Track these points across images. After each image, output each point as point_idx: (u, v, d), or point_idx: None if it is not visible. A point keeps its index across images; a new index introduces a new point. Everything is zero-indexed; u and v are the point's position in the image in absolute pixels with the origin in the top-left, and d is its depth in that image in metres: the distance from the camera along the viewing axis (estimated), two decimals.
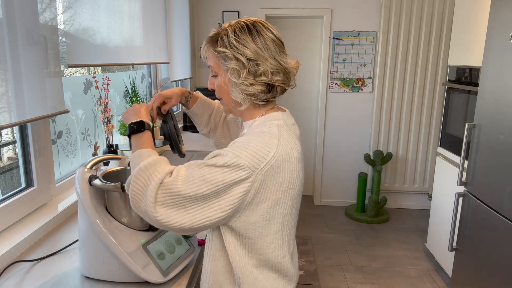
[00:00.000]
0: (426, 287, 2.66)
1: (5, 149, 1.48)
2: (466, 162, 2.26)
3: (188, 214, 0.81)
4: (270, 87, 0.94)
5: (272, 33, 0.94)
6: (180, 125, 3.27)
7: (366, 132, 3.92)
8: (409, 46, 3.64)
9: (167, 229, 0.83)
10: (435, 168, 2.91)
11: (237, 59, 0.90)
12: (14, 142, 1.47)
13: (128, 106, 2.37)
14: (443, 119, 2.85)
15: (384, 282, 2.70)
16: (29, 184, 1.45)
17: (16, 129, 1.41)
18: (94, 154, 1.79)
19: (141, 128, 0.95)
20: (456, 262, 2.31)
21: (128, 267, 1.00)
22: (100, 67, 2.12)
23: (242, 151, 0.83)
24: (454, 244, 2.33)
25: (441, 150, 2.84)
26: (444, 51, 3.60)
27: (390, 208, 4.06)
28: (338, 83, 3.82)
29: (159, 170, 0.84)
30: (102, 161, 1.15)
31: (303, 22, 3.91)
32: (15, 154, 1.46)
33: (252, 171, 0.82)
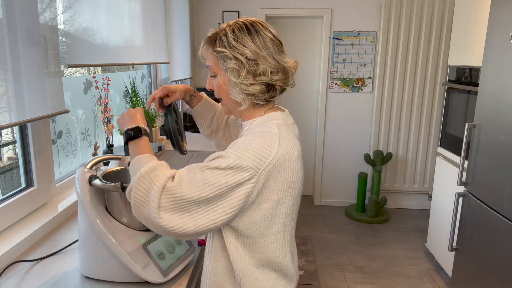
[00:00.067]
0: (426, 287, 2.66)
1: (5, 149, 1.48)
2: (466, 162, 2.26)
3: (192, 218, 0.80)
4: (270, 87, 0.94)
5: (270, 32, 0.94)
6: None
7: (366, 132, 3.92)
8: (409, 46, 3.64)
9: (170, 235, 0.81)
10: (435, 168, 2.91)
11: (236, 59, 0.90)
12: (14, 142, 1.47)
13: (128, 106, 2.37)
14: (443, 119, 2.85)
15: (384, 282, 2.70)
16: (29, 184, 1.45)
17: (16, 129, 1.41)
18: (94, 154, 1.79)
19: (137, 134, 0.93)
20: (456, 262, 2.31)
21: (128, 267, 1.00)
22: (100, 67, 2.12)
23: (244, 152, 0.82)
24: (454, 244, 2.33)
25: (441, 150, 2.84)
26: (444, 51, 3.60)
27: (390, 208, 4.06)
28: (338, 83, 3.82)
29: (161, 175, 0.82)
30: (102, 161, 1.16)
31: (303, 22, 3.91)
32: (15, 154, 1.46)
33: (255, 172, 0.82)
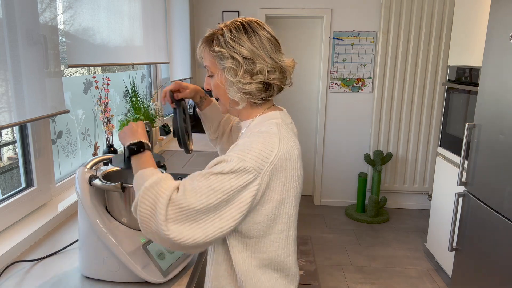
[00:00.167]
0: (426, 287, 2.66)
1: (5, 149, 1.48)
2: (466, 162, 2.26)
3: (200, 227, 0.79)
4: (267, 86, 0.94)
5: (267, 32, 0.94)
6: None
7: (366, 132, 3.92)
8: (409, 46, 3.64)
9: (180, 248, 0.80)
10: (435, 168, 2.91)
11: (233, 58, 0.90)
12: (14, 142, 1.47)
13: (128, 106, 2.37)
14: (443, 119, 2.85)
15: (384, 282, 2.70)
16: (29, 184, 1.45)
17: (16, 129, 1.41)
18: (94, 154, 1.79)
19: (140, 148, 0.93)
20: (456, 262, 2.31)
21: (128, 267, 1.01)
22: (100, 67, 2.12)
23: (246, 154, 0.83)
24: (454, 244, 2.33)
25: (441, 150, 2.84)
26: (444, 51, 3.60)
27: (390, 208, 4.06)
28: (338, 83, 3.82)
29: (165, 186, 0.82)
30: (102, 161, 1.16)
31: (303, 22, 3.91)
32: (15, 154, 1.45)
33: (258, 173, 0.82)
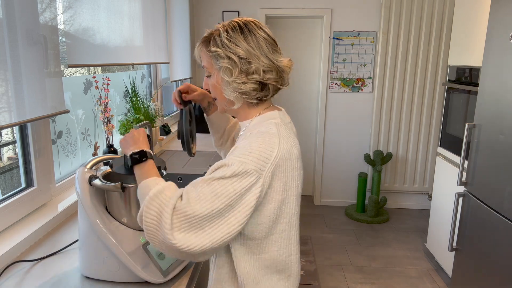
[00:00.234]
0: (426, 287, 2.66)
1: (5, 149, 1.48)
2: (466, 162, 2.26)
3: (207, 234, 0.79)
4: (263, 86, 0.94)
5: (264, 32, 0.94)
6: None
7: (366, 132, 3.92)
8: (409, 46, 3.64)
9: (188, 256, 0.79)
10: (435, 168, 2.91)
11: (229, 58, 0.91)
12: (14, 142, 1.47)
13: (128, 106, 2.37)
14: (443, 119, 2.85)
15: (384, 282, 2.70)
16: (29, 184, 1.45)
17: (16, 129, 1.41)
18: (94, 154, 1.79)
19: (143, 158, 0.93)
20: (456, 262, 2.31)
21: (128, 267, 1.01)
22: (100, 67, 2.12)
23: (246, 156, 0.83)
24: (454, 244, 2.33)
25: (441, 150, 2.84)
26: (444, 51, 3.60)
27: (390, 208, 4.06)
28: (338, 83, 3.82)
29: (169, 195, 0.82)
30: (102, 161, 1.16)
31: (303, 22, 3.91)
32: (15, 154, 1.45)
33: (259, 174, 0.82)
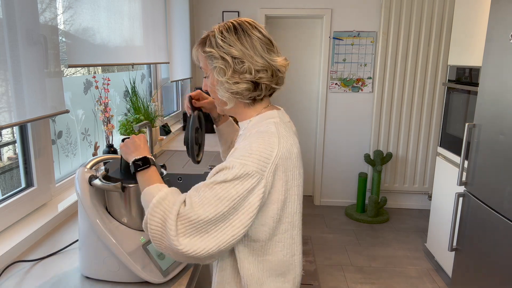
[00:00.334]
0: (426, 287, 2.66)
1: (5, 149, 1.48)
2: (466, 162, 2.26)
3: (212, 238, 0.79)
4: (256, 85, 0.94)
5: (259, 32, 0.94)
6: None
7: (366, 132, 3.92)
8: (409, 46, 3.64)
9: (194, 260, 0.80)
10: (435, 168, 2.91)
11: (222, 58, 0.91)
12: (14, 142, 1.47)
13: (128, 106, 2.37)
14: (443, 119, 2.85)
15: (384, 282, 2.70)
16: (29, 184, 1.45)
17: (16, 129, 1.41)
18: (94, 154, 1.79)
19: (145, 164, 0.94)
20: (456, 262, 2.31)
21: (128, 267, 1.01)
22: (100, 67, 2.12)
23: (247, 158, 0.83)
24: (454, 244, 2.33)
25: (441, 150, 2.84)
26: (444, 51, 3.60)
27: (390, 208, 4.06)
28: (338, 83, 3.82)
29: (173, 201, 0.82)
30: (102, 161, 1.16)
31: (303, 22, 3.91)
32: (15, 154, 1.45)
33: (261, 175, 0.82)
